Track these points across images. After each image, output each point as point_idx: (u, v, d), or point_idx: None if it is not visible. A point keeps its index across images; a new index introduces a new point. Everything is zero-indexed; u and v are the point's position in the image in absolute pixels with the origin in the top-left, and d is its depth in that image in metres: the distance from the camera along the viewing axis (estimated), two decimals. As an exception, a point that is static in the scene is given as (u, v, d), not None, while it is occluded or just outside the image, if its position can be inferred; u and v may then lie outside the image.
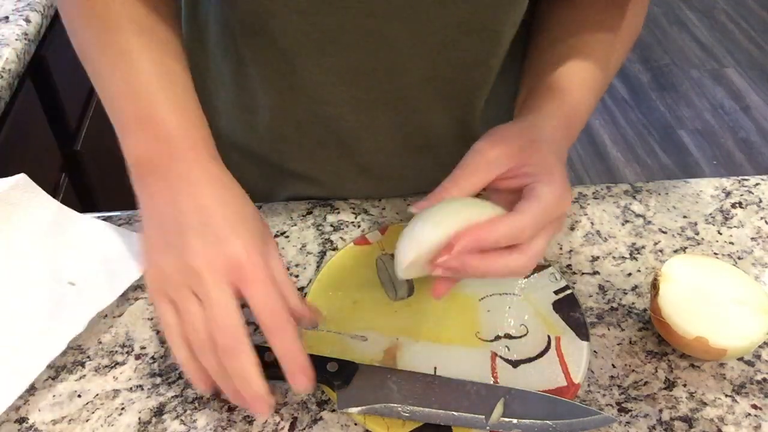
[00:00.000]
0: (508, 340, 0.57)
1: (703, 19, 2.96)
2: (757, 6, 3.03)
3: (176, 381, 0.55)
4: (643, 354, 0.57)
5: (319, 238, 0.66)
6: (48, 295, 0.58)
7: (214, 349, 0.45)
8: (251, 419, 0.52)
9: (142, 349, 0.57)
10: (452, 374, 0.54)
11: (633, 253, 0.65)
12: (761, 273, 0.64)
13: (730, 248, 0.66)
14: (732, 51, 2.77)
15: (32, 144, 1.06)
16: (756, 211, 0.70)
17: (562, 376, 0.54)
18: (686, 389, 0.55)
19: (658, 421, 0.52)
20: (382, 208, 0.69)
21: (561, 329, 0.58)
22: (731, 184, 0.73)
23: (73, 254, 0.62)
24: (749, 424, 0.52)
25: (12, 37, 0.93)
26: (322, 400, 0.53)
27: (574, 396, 0.53)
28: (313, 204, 0.70)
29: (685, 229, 0.68)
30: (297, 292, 0.50)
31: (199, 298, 0.46)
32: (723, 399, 0.54)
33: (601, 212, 0.69)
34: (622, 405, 0.53)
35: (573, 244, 0.66)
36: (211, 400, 0.53)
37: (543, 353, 0.56)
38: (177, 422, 0.52)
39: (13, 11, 0.99)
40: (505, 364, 0.55)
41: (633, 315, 0.60)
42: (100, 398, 0.53)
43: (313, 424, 0.52)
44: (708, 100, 2.53)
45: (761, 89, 2.57)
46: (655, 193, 0.72)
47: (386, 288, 0.61)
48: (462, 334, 0.57)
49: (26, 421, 0.52)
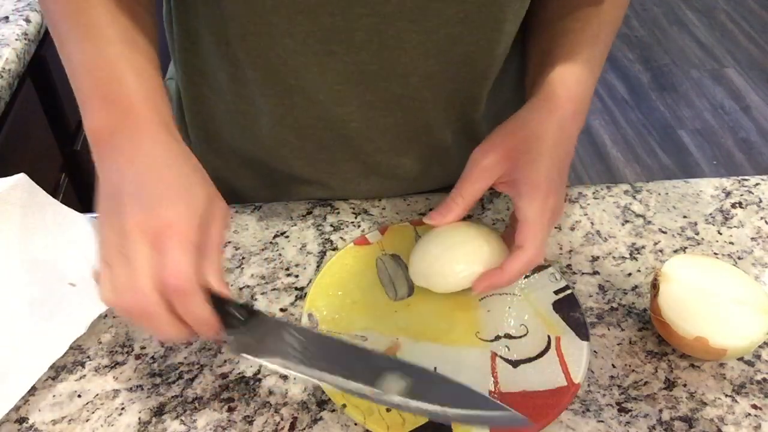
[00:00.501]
0: (508, 340, 0.57)
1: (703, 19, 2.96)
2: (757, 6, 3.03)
3: (176, 381, 0.55)
4: (643, 354, 0.57)
5: (319, 238, 0.66)
6: (48, 296, 0.58)
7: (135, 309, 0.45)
8: (251, 419, 0.52)
9: (142, 349, 0.57)
10: (452, 374, 0.54)
11: (633, 253, 0.65)
12: (761, 273, 0.64)
13: (730, 248, 0.66)
14: (732, 51, 2.77)
15: (32, 144, 1.06)
16: (756, 211, 0.70)
17: (562, 376, 0.54)
18: (686, 389, 0.55)
19: (658, 421, 0.52)
20: (382, 208, 0.69)
21: (561, 329, 0.58)
22: (731, 184, 0.73)
23: (74, 255, 0.62)
24: (749, 424, 0.52)
25: (12, 37, 0.93)
26: (322, 400, 0.53)
27: (574, 396, 0.53)
28: (313, 204, 0.69)
29: (685, 229, 0.68)
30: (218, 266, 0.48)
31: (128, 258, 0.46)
32: (723, 399, 0.54)
33: (601, 212, 0.69)
34: (622, 405, 0.53)
35: (573, 244, 0.66)
36: (211, 400, 0.53)
37: (543, 353, 0.56)
38: (177, 422, 0.52)
39: (13, 11, 0.99)
40: (505, 364, 0.55)
41: (633, 315, 0.60)
42: (100, 398, 0.53)
43: (313, 424, 0.52)
44: (708, 100, 2.53)
45: (761, 89, 2.57)
46: (655, 193, 0.72)
47: (386, 288, 0.61)
48: (462, 334, 0.57)
49: (26, 421, 0.52)
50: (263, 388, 0.54)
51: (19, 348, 0.55)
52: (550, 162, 0.56)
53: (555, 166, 0.56)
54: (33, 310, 0.57)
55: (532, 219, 0.55)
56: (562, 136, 0.58)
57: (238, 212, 0.68)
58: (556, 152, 0.57)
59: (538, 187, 0.55)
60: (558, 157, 0.57)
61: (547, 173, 0.56)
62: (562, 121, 0.58)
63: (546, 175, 0.56)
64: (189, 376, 0.55)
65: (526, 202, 0.55)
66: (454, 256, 0.58)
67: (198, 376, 0.55)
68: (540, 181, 0.55)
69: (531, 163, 0.56)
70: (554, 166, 0.56)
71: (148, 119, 0.51)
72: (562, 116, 0.58)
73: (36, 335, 0.56)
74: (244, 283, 0.62)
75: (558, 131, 0.57)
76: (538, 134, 0.57)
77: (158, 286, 0.44)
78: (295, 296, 0.61)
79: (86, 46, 0.53)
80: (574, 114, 0.59)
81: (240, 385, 0.54)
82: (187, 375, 0.55)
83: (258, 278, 0.62)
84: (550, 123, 0.57)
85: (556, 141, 0.57)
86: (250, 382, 0.55)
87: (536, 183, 0.55)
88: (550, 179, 0.56)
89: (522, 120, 0.58)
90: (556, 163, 0.57)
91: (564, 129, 0.58)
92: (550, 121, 0.57)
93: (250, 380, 0.55)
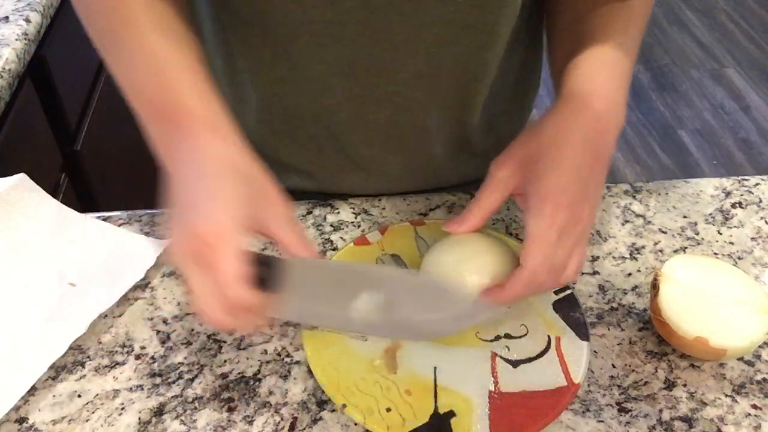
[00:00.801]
0: (508, 340, 0.57)
1: (703, 19, 2.96)
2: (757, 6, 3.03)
3: (176, 381, 0.55)
4: (643, 354, 0.57)
5: (319, 238, 0.66)
6: (49, 296, 0.58)
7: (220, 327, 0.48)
8: (251, 419, 0.52)
9: (142, 349, 0.57)
10: (452, 374, 0.54)
11: (633, 253, 0.65)
12: (761, 273, 0.64)
13: (730, 248, 0.66)
14: (732, 51, 2.77)
15: (32, 144, 1.06)
16: (756, 211, 0.70)
17: (562, 376, 0.54)
18: (686, 389, 0.55)
19: (658, 421, 0.52)
20: (382, 208, 0.69)
21: (561, 329, 0.58)
22: (731, 184, 0.73)
23: (74, 255, 0.62)
24: (749, 424, 0.52)
25: (12, 37, 0.93)
26: (322, 400, 0.53)
27: (574, 396, 0.53)
28: (313, 204, 0.70)
29: (685, 229, 0.68)
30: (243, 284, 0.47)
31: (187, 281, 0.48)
32: (723, 399, 0.54)
33: (601, 212, 0.69)
34: (622, 405, 0.53)
35: (573, 244, 0.66)
36: (211, 400, 0.53)
37: (543, 353, 0.56)
38: (177, 422, 0.52)
39: (13, 11, 0.98)
40: (505, 364, 0.55)
41: (633, 315, 0.60)
42: (100, 398, 0.53)
43: (313, 424, 0.52)
44: (708, 100, 2.53)
45: (761, 89, 2.57)
46: (655, 193, 0.72)
47: (386, 288, 0.61)
48: (462, 334, 0.57)
49: (26, 421, 0.52)
50: (263, 388, 0.54)
51: (19, 348, 0.55)
52: (566, 170, 0.52)
53: (574, 174, 0.52)
54: (33, 310, 0.57)
55: (534, 236, 0.51)
56: (587, 138, 0.53)
57: (238, 212, 0.68)
58: (579, 158, 0.52)
59: (545, 200, 0.51)
60: (580, 164, 0.52)
61: (559, 183, 0.51)
62: (589, 122, 0.53)
63: (556, 186, 0.51)
64: (189, 376, 0.55)
65: (532, 218, 0.52)
66: (465, 268, 0.56)
67: (198, 376, 0.55)
68: (547, 193, 0.51)
69: (540, 174, 0.52)
70: (573, 175, 0.52)
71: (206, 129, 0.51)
72: (590, 116, 0.54)
73: (36, 335, 0.56)
74: (244, 283, 0.62)
75: (582, 133, 0.53)
76: (555, 141, 0.53)
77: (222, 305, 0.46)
78: (295, 296, 0.61)
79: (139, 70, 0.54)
80: (605, 112, 0.54)
81: (240, 385, 0.54)
82: (187, 375, 0.55)
83: (258, 278, 0.62)
84: (573, 126, 0.53)
85: (578, 145, 0.53)
86: (250, 382, 0.55)
87: (543, 196, 0.51)
88: (563, 189, 0.51)
89: (540, 126, 0.55)
90: (574, 170, 0.52)
91: (592, 129, 0.53)
92: (573, 124, 0.53)
93: (250, 380, 0.55)
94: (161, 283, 0.62)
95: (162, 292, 0.61)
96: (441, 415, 0.52)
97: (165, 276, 0.62)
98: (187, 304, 0.60)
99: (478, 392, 0.53)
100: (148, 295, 0.61)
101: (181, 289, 0.61)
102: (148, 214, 0.68)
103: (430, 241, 0.65)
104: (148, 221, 0.67)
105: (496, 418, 0.51)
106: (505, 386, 0.54)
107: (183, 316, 0.59)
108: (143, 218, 0.67)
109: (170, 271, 0.63)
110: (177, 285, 0.62)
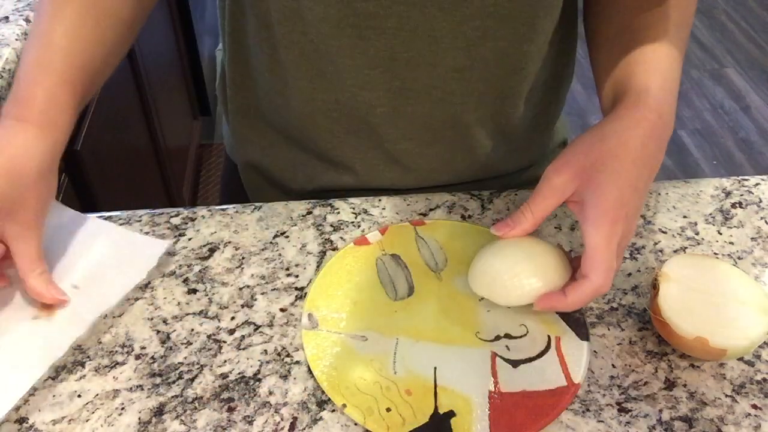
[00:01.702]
0: (508, 340, 0.57)
1: (703, 19, 2.96)
2: (757, 6, 3.03)
3: (176, 381, 0.55)
4: (643, 354, 0.57)
5: (319, 238, 0.66)
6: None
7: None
8: (251, 419, 0.52)
9: (142, 349, 0.57)
10: (452, 374, 0.54)
11: (633, 253, 0.65)
12: (761, 273, 0.64)
13: (730, 248, 0.66)
14: (732, 51, 2.77)
15: (32, 144, 1.06)
16: (756, 211, 0.70)
17: (562, 376, 0.54)
18: (686, 389, 0.55)
19: (658, 421, 0.52)
20: (382, 208, 0.69)
21: (561, 329, 0.58)
22: (731, 184, 0.73)
23: (74, 255, 0.62)
24: (749, 424, 0.52)
25: (12, 37, 0.93)
26: (322, 400, 0.53)
27: (574, 396, 0.53)
28: (313, 204, 0.70)
29: (685, 229, 0.68)
30: None
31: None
32: (723, 399, 0.54)
33: (601, 212, 0.69)
34: (622, 405, 0.53)
35: (573, 244, 0.66)
36: (211, 400, 0.53)
37: (543, 353, 0.56)
38: (177, 422, 0.52)
39: (13, 11, 0.98)
40: (505, 364, 0.55)
41: (633, 315, 0.60)
42: (100, 398, 0.53)
43: (313, 424, 0.52)
44: (708, 100, 2.53)
45: (761, 89, 2.57)
46: (655, 193, 0.72)
47: (386, 288, 0.61)
48: (462, 334, 0.57)
49: (26, 421, 0.52)
50: (263, 388, 0.54)
51: (19, 348, 0.55)
52: (626, 183, 0.53)
53: (630, 186, 0.53)
54: (33, 310, 0.57)
55: (598, 247, 0.52)
56: (646, 152, 0.54)
57: (238, 212, 0.68)
58: (635, 170, 0.53)
59: (606, 212, 0.52)
60: (635, 176, 0.53)
61: (619, 196, 0.52)
62: (648, 132, 0.54)
63: (617, 199, 0.52)
64: (189, 376, 0.55)
65: (593, 229, 0.52)
66: (521, 270, 0.56)
67: (198, 376, 0.55)
68: (608, 206, 0.52)
69: (602, 186, 0.53)
70: (629, 187, 0.53)
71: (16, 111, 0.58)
72: (648, 127, 0.54)
73: (36, 335, 0.56)
74: (244, 283, 0.62)
75: (641, 145, 0.54)
76: (616, 152, 0.53)
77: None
78: (295, 296, 0.61)
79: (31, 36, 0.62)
80: (663, 123, 0.55)
81: (240, 385, 0.54)
82: (187, 375, 0.55)
83: (258, 278, 0.62)
84: (634, 137, 0.54)
85: (637, 157, 0.53)
86: (250, 382, 0.55)
87: (604, 208, 0.52)
88: (622, 203, 0.52)
89: (602, 133, 0.55)
90: (633, 183, 0.53)
91: (651, 141, 0.54)
92: (634, 135, 0.54)
93: (250, 380, 0.55)
94: (161, 283, 0.62)
95: (162, 292, 0.61)
96: (441, 415, 0.52)
97: (165, 276, 0.62)
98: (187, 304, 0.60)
99: (478, 392, 0.53)
100: (148, 295, 0.61)
101: (182, 289, 0.61)
102: (148, 214, 0.68)
103: (430, 241, 0.65)
104: (148, 221, 0.67)
105: (496, 418, 0.51)
106: (505, 386, 0.54)
107: (183, 316, 0.59)
108: (143, 218, 0.67)
109: (170, 271, 0.63)
110: (177, 285, 0.62)
